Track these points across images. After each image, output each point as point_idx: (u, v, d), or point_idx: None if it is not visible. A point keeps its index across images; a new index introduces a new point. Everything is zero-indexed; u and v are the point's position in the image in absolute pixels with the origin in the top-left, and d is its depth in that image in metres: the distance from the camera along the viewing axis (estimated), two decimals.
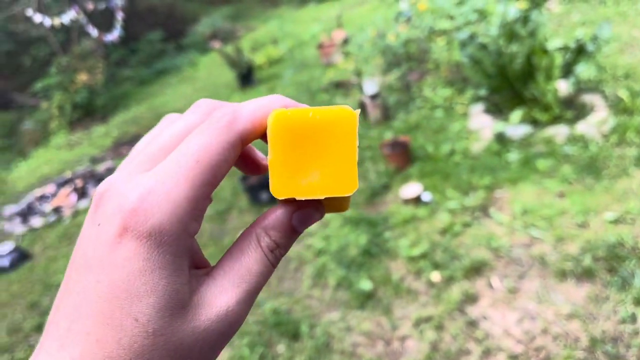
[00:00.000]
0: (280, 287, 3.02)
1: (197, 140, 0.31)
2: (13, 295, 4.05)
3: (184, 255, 0.30)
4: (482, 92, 4.28)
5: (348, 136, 0.33)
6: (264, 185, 3.99)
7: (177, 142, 0.33)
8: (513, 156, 3.46)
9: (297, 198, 0.33)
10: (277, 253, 0.34)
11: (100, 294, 0.29)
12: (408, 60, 5.58)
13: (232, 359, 2.59)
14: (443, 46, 5.46)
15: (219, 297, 0.32)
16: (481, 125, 3.98)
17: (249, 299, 0.33)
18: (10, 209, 6.01)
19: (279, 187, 0.33)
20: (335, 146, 0.33)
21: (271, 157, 0.33)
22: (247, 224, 2.31)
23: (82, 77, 9.95)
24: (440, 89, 4.87)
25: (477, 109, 4.24)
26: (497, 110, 4.13)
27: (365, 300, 2.69)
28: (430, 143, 4.02)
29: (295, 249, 3.30)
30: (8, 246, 4.69)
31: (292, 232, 0.35)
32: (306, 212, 0.35)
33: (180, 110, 8.15)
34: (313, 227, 3.48)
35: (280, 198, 0.33)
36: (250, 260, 0.33)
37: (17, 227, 5.56)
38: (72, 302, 0.29)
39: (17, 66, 12.11)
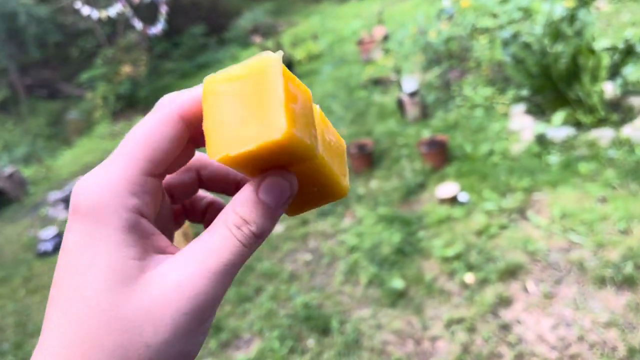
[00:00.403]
0: (311, 282, 3.03)
1: (139, 124, 0.33)
2: None
3: (128, 231, 0.30)
4: (524, 92, 4.19)
5: (273, 82, 0.31)
6: None
7: (130, 133, 0.34)
8: (554, 159, 3.38)
9: (231, 154, 0.31)
10: (245, 230, 0.32)
11: (57, 278, 0.30)
12: (449, 58, 5.50)
13: (263, 351, 2.62)
14: (485, 44, 5.36)
15: (175, 272, 0.30)
16: (522, 126, 3.89)
17: (212, 277, 0.30)
18: (55, 195, 6.21)
19: (213, 149, 0.31)
20: (263, 96, 0.31)
21: (204, 123, 0.32)
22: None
23: (126, 69, 10.19)
24: (480, 88, 4.80)
25: (518, 109, 4.15)
26: (539, 111, 4.03)
27: (397, 298, 2.67)
28: (469, 143, 3.96)
29: (328, 245, 3.31)
30: (52, 231, 4.85)
31: (262, 206, 0.32)
32: (272, 180, 0.33)
33: None
34: (346, 223, 3.48)
35: (216, 159, 0.31)
36: (215, 238, 0.32)
37: (61, 213, 5.74)
38: (51, 288, 0.31)
39: (65, 57, 12.49)
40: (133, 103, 10.02)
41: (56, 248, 4.70)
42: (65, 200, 5.99)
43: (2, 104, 11.62)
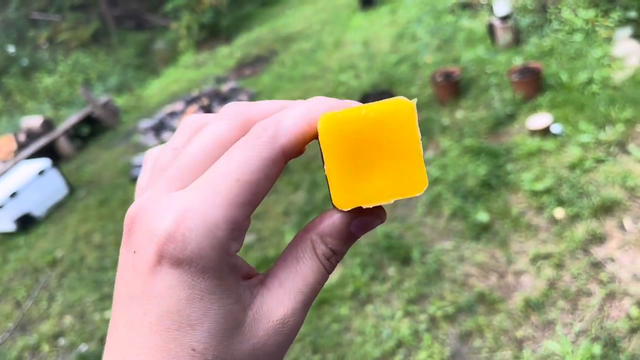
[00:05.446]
0: (393, 213, 3.02)
1: (237, 157, 0.29)
2: None
3: (229, 275, 0.29)
4: (632, 14, 3.81)
5: (408, 130, 0.29)
6: None
7: (210, 156, 0.30)
8: None
9: (365, 207, 0.30)
10: (333, 260, 0.32)
11: (150, 326, 0.28)
12: None
13: (345, 277, 2.68)
14: None
15: (276, 309, 0.30)
16: (627, 52, 3.56)
17: (304, 309, 0.32)
18: (145, 123, 6.50)
19: (342, 198, 0.30)
20: (396, 143, 0.30)
21: (328, 166, 0.30)
22: None
23: None
24: (581, 10, 4.40)
25: (624, 33, 3.79)
26: None
27: (481, 231, 2.62)
28: (565, 71, 3.69)
29: None
30: (143, 158, 5.11)
31: (349, 238, 0.32)
32: (367, 219, 0.32)
33: (300, 33, 8.17)
34: (429, 155, 3.40)
35: (345, 209, 0.30)
36: (306, 270, 0.32)
37: (151, 141, 6.02)
38: (122, 337, 0.29)
39: None
40: (215, 32, 10.10)
41: None
42: (155, 129, 6.26)
43: (94, 35, 12.12)
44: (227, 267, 0.29)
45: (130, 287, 0.29)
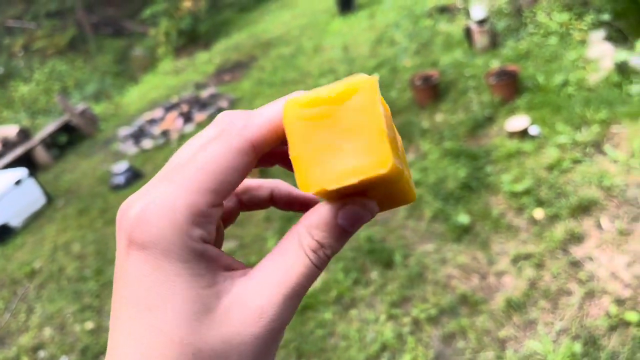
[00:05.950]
0: (375, 216, 3.03)
1: (206, 149, 0.30)
2: None
3: (199, 260, 0.29)
4: (605, 16, 3.88)
5: (370, 107, 0.29)
6: None
7: (192, 155, 0.32)
8: (636, 88, 3.15)
9: (328, 188, 0.29)
10: (320, 254, 0.31)
11: (127, 309, 0.29)
12: None
13: (328, 282, 2.68)
14: None
15: (254, 298, 0.30)
16: (601, 54, 3.63)
17: (286, 302, 0.30)
18: (124, 131, 6.44)
19: (305, 181, 0.29)
20: (359, 122, 0.29)
21: (292, 150, 0.30)
22: None
23: (187, 4, 10.17)
24: (556, 13, 4.48)
25: (598, 35, 3.86)
26: (621, 37, 3.74)
27: (462, 233, 2.64)
28: (541, 73, 3.75)
29: None
30: (123, 165, 5.06)
31: (339, 231, 0.32)
32: (352, 209, 0.32)
33: (279, 38, 8.18)
34: (410, 157, 3.43)
35: (309, 192, 0.29)
36: (289, 262, 0.31)
37: (130, 148, 5.96)
38: (112, 319, 0.30)
39: None
40: (194, 38, 10.06)
41: (128, 182, 4.91)
42: (134, 136, 6.20)
43: (71, 42, 11.98)
44: (194, 252, 0.29)
45: (115, 274, 0.31)
